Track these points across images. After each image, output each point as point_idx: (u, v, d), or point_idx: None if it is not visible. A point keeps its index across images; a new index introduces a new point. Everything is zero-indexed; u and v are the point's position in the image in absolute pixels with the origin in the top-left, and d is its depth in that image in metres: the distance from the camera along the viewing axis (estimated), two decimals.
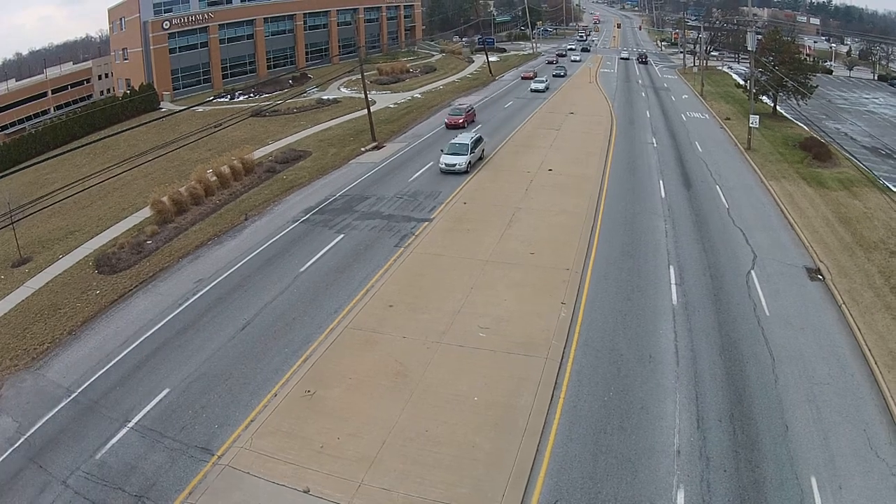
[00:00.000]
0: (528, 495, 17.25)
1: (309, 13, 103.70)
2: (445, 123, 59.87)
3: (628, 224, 36.19)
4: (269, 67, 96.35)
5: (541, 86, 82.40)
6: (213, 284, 30.13)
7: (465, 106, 63.86)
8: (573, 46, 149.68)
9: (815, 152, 52.85)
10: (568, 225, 35.54)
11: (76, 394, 22.45)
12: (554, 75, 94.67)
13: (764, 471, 17.86)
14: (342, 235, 34.89)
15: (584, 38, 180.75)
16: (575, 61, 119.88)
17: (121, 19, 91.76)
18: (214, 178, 43.97)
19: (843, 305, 27.09)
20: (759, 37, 75.41)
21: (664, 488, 17.32)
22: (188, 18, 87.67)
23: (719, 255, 32.20)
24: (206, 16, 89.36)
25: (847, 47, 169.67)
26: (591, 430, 19.67)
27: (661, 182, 44.31)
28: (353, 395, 21.47)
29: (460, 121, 59.38)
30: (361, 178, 45.77)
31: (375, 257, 32.04)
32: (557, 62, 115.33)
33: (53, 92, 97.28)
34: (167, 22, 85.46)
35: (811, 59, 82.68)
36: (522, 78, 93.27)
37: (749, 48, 60.84)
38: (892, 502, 16.63)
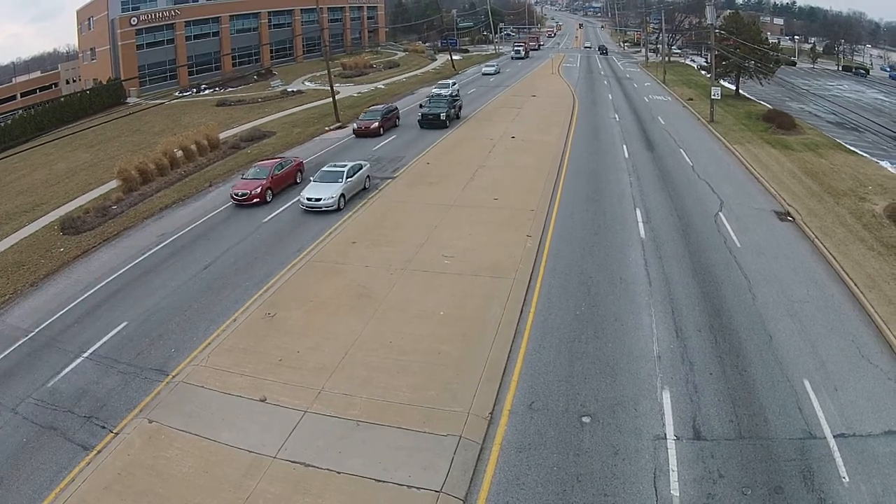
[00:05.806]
0: (502, 397, 16.67)
1: (273, 11, 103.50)
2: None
3: (592, 177, 36.07)
4: (234, 64, 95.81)
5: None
6: (176, 237, 29.89)
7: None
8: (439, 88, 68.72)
9: (779, 122, 53.01)
10: (531, 178, 35.34)
11: (33, 333, 21.88)
12: None
13: (752, 374, 17.40)
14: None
15: (524, 52, 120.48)
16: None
17: (89, 19, 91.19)
18: (180, 152, 43.45)
19: (816, 240, 26.81)
20: (720, 14, 76.01)
21: (648, 389, 16.78)
22: (155, 15, 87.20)
23: (685, 200, 32.02)
24: (172, 13, 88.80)
25: (811, 45, 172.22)
26: (564, 339, 19.20)
27: (624, 146, 44.27)
28: (314, 315, 20.89)
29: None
30: (325, 149, 45.41)
31: None
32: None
33: (22, 95, 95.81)
34: (135, 18, 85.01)
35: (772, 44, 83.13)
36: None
37: (708, 20, 61.18)
38: (891, 404, 16.14)
